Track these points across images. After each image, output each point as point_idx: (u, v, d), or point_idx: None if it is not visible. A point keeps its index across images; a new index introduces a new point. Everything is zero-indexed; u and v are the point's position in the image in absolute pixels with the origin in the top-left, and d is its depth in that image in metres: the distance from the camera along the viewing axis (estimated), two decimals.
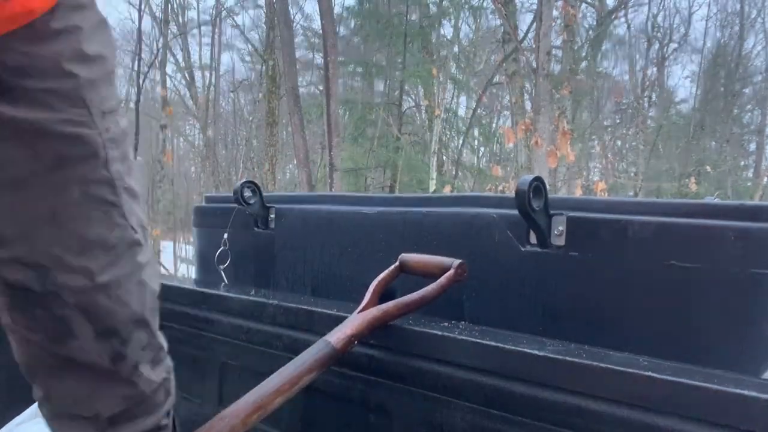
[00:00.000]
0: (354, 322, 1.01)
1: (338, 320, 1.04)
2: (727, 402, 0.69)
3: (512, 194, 1.06)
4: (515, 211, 1.06)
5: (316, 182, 10.80)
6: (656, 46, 14.10)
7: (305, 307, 1.22)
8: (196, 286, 1.52)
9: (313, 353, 0.97)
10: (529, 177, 1.03)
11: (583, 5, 11.00)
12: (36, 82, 0.65)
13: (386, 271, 1.16)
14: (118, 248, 0.73)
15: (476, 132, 14.19)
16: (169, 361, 0.84)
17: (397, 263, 1.17)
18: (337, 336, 0.99)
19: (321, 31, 7.78)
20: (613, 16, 12.22)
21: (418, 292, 1.07)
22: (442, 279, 1.09)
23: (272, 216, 1.58)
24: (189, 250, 12.95)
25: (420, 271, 1.15)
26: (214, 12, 14.67)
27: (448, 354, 0.96)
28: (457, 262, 1.09)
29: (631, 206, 1.03)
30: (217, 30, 14.93)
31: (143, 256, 0.77)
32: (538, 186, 1.04)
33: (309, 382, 0.96)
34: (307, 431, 0.98)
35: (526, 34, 9.92)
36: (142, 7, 9.98)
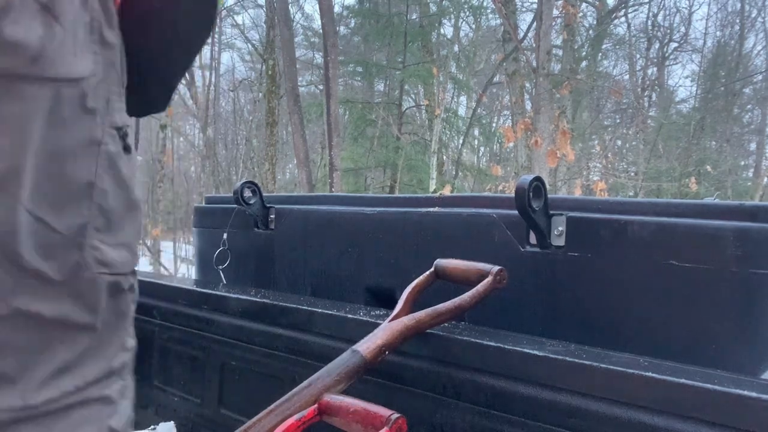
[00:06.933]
0: (385, 331, 0.95)
1: (338, 321, 1.04)
2: (727, 402, 0.69)
3: (512, 194, 1.06)
4: (515, 211, 1.06)
5: (316, 182, 10.79)
6: (656, 45, 14.09)
7: (305, 307, 1.23)
8: (196, 286, 1.52)
9: (342, 363, 0.90)
10: (529, 177, 1.03)
11: (584, 4, 10.99)
12: None
13: (420, 278, 1.09)
14: None
15: (476, 132, 14.19)
16: None
17: (432, 269, 1.11)
18: (366, 345, 0.93)
19: (321, 31, 7.78)
20: (613, 16, 12.22)
21: (453, 300, 1.01)
22: (479, 287, 1.01)
23: (272, 216, 1.58)
24: (189, 250, 12.93)
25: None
26: None
27: (449, 354, 0.96)
28: (495, 268, 1.02)
29: (631, 206, 1.03)
30: (217, 29, 14.93)
31: None
32: (537, 186, 1.04)
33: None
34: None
35: (526, 33, 9.92)
36: None
